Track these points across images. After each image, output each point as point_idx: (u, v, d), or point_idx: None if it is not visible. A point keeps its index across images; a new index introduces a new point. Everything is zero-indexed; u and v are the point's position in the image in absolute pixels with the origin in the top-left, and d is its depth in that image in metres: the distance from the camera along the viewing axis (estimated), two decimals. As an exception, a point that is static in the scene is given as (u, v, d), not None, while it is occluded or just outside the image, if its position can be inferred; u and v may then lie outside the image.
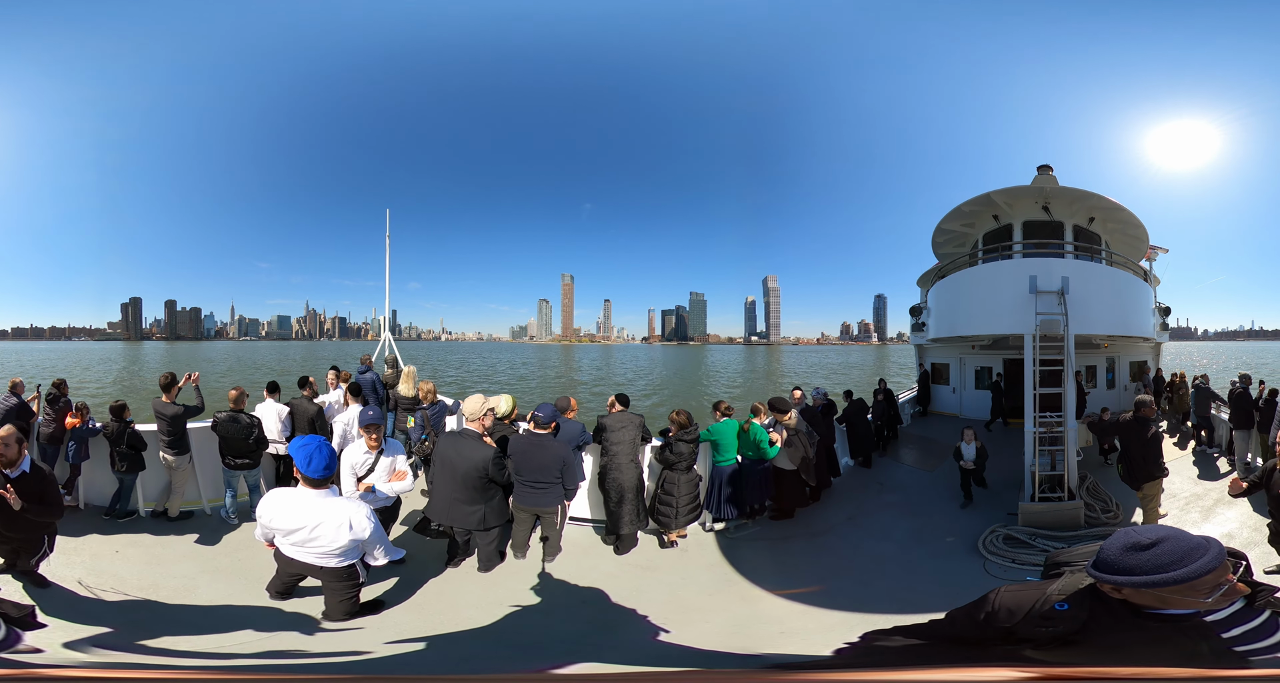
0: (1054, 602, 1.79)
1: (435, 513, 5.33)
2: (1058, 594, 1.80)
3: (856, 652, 2.48)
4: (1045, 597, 1.81)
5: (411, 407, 8.18)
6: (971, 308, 9.84)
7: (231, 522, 6.40)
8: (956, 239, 12.77)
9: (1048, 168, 11.57)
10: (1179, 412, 11.78)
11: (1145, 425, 6.77)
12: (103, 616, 4.46)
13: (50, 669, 2.85)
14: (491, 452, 5.13)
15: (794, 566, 6.18)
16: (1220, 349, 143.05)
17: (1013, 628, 1.84)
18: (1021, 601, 1.85)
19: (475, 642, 4.28)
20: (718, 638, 4.45)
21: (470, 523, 5.20)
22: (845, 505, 7.96)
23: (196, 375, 7.13)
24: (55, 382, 6.94)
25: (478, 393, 6.40)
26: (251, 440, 6.50)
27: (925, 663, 2.02)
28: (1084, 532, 7.09)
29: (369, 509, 4.09)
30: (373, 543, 4.11)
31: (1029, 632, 1.82)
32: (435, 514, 5.33)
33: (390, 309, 15.27)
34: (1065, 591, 1.81)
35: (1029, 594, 1.86)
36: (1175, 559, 1.56)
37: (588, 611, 4.85)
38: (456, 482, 5.13)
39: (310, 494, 3.94)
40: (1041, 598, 1.82)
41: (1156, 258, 13.34)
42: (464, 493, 5.13)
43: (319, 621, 4.36)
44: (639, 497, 6.22)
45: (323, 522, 3.90)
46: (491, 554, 5.42)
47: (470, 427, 5.40)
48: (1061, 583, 1.85)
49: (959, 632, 2.01)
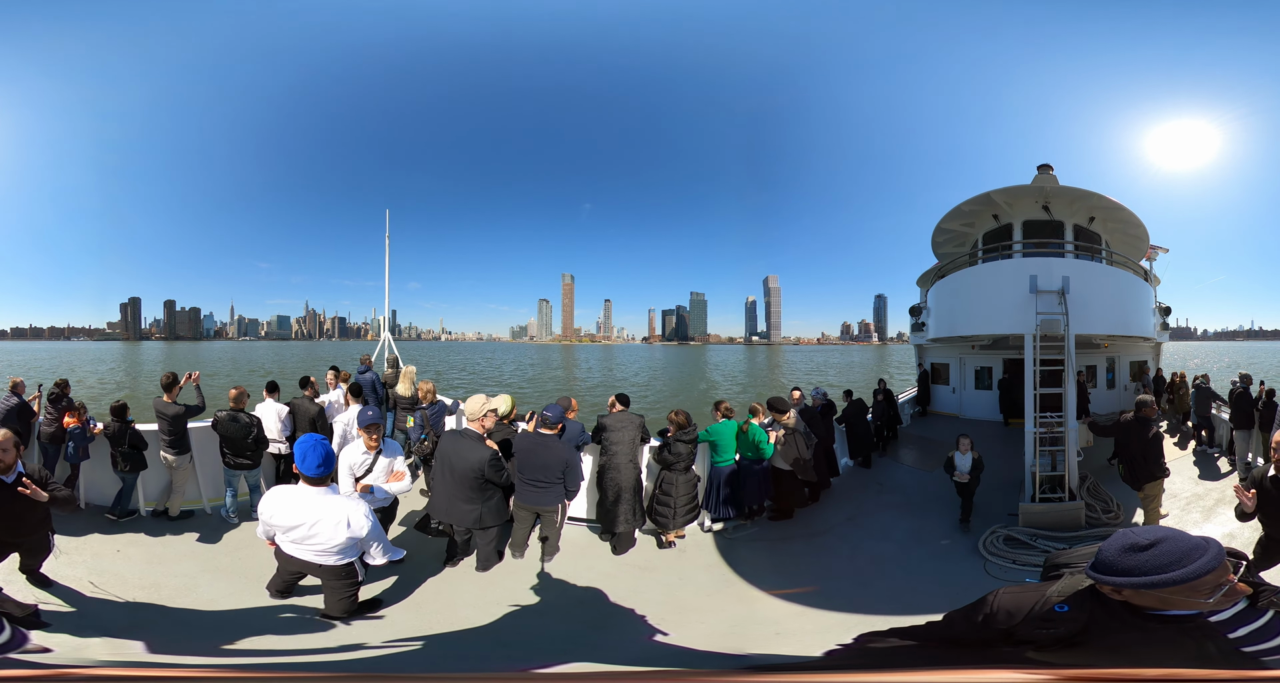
0: (1054, 603, 1.78)
1: (435, 511, 5.38)
2: (1057, 596, 1.80)
3: (851, 653, 2.47)
4: (1045, 599, 1.81)
5: (410, 407, 8.19)
6: (971, 308, 9.82)
7: (232, 521, 6.41)
8: (956, 239, 12.76)
9: (1048, 167, 11.56)
10: (1179, 412, 11.78)
11: (1146, 426, 6.76)
12: (104, 615, 4.46)
13: (52, 669, 2.85)
14: (489, 453, 5.14)
15: (792, 566, 6.17)
16: (1220, 349, 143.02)
17: (1011, 630, 1.84)
18: (1021, 602, 1.84)
19: (473, 641, 4.28)
20: (714, 639, 4.44)
21: (468, 522, 5.23)
22: (844, 506, 7.95)
23: (197, 375, 7.14)
24: (58, 381, 6.95)
25: (480, 393, 6.40)
26: (250, 440, 6.51)
27: (922, 665, 2.01)
28: (1085, 533, 7.08)
29: (367, 508, 4.10)
30: (370, 541, 4.12)
31: (1028, 634, 1.81)
32: (435, 512, 5.38)
33: (390, 309, 15.26)
34: (1065, 592, 1.80)
35: (1028, 596, 1.85)
36: (1174, 560, 1.56)
37: (585, 611, 4.85)
38: (455, 480, 5.18)
39: (309, 492, 3.97)
40: (1041, 600, 1.81)
41: (1157, 257, 13.33)
42: (462, 492, 5.17)
43: (318, 619, 4.37)
44: (636, 496, 6.22)
45: (321, 519, 3.93)
46: (490, 554, 5.43)
47: (471, 427, 5.41)
48: (1061, 585, 1.84)
49: (957, 634, 2.00)
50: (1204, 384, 10.69)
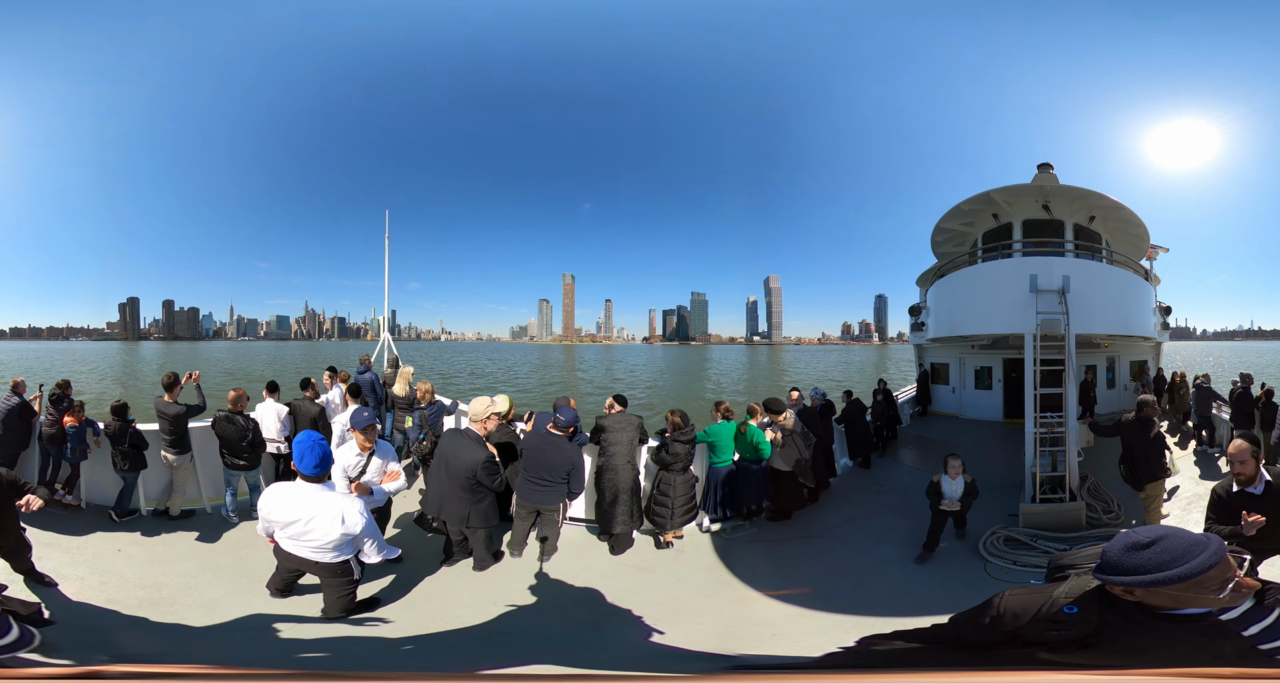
0: (1062, 605, 1.77)
1: (428, 505, 5.44)
2: (1065, 597, 1.79)
3: (853, 655, 2.46)
4: (1052, 600, 1.80)
5: (407, 407, 8.20)
6: (971, 307, 9.81)
7: (232, 520, 6.41)
8: (956, 238, 12.76)
9: (1048, 166, 11.56)
10: (1180, 411, 11.78)
11: (1148, 426, 6.76)
12: (105, 614, 4.46)
13: (54, 668, 2.85)
14: (485, 455, 5.16)
15: (791, 568, 6.15)
16: (1218, 349, 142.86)
17: (1019, 631, 1.83)
18: (1027, 604, 1.83)
19: (469, 641, 4.28)
20: (711, 639, 4.44)
21: (457, 521, 5.27)
22: (843, 507, 7.94)
23: (197, 374, 7.15)
24: (59, 382, 6.97)
25: (484, 396, 6.40)
26: (246, 442, 6.53)
27: (928, 666, 2.00)
28: (1086, 533, 7.06)
29: (363, 505, 4.14)
30: (364, 539, 4.16)
31: (1037, 635, 1.80)
32: (428, 507, 5.45)
33: (390, 309, 15.25)
34: (1073, 593, 1.79)
35: (1035, 598, 1.84)
36: (1176, 556, 1.56)
37: (582, 611, 4.84)
38: (449, 478, 5.22)
39: (307, 488, 4.04)
40: (1048, 601, 1.80)
41: (1157, 257, 13.32)
42: (454, 490, 5.21)
43: (317, 619, 4.37)
44: (634, 497, 6.22)
45: (316, 515, 3.99)
46: (484, 556, 5.45)
47: (473, 428, 5.43)
48: (1068, 586, 1.83)
49: (963, 636, 1.99)
50: (1205, 384, 10.69)
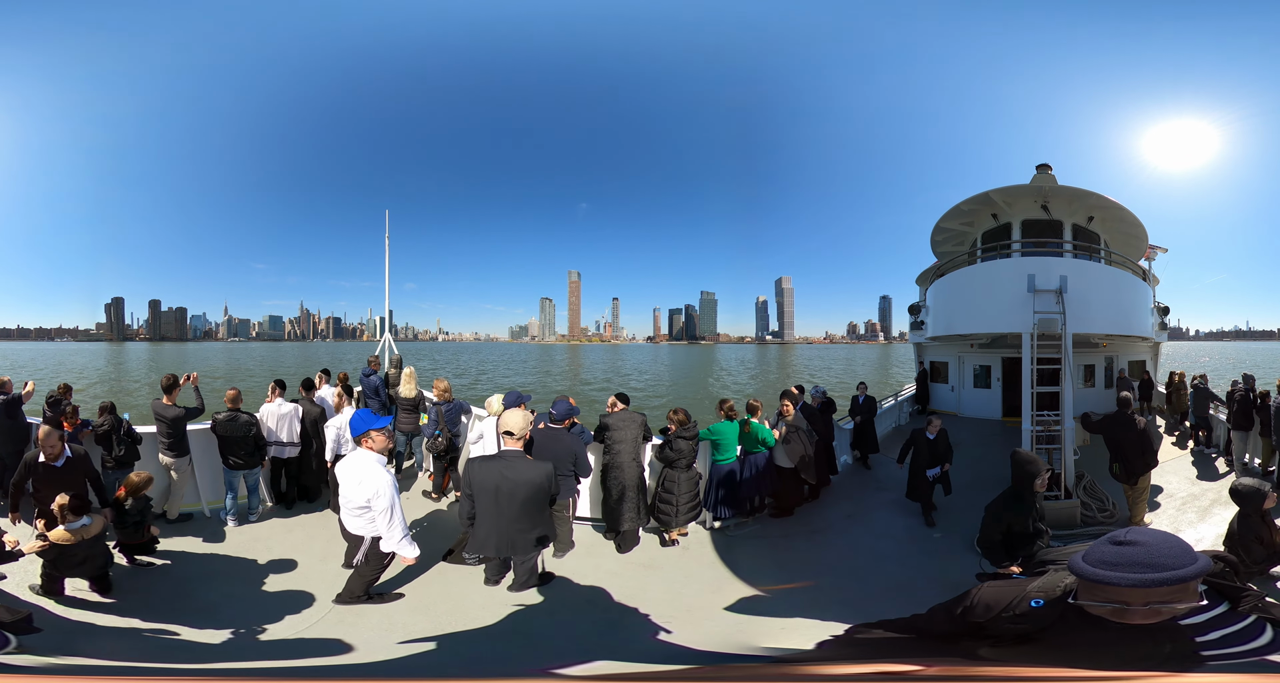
0: (1030, 599, 1.78)
1: (484, 545, 4.64)
2: (1036, 592, 1.80)
3: (840, 645, 2.49)
4: (1024, 594, 1.81)
5: (412, 408, 8.16)
6: (970, 306, 9.86)
7: (231, 524, 6.36)
8: (955, 238, 12.82)
9: (1047, 167, 11.62)
10: (1177, 411, 11.84)
11: (1133, 421, 6.85)
12: (101, 620, 4.42)
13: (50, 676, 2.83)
14: (549, 465, 4.70)
15: (793, 563, 6.18)
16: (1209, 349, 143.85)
17: (985, 624, 1.84)
18: (1000, 597, 1.85)
19: (483, 642, 4.27)
20: (718, 636, 4.46)
21: (529, 549, 4.72)
22: (844, 503, 7.97)
23: (195, 376, 7.09)
24: (60, 385, 6.95)
25: (494, 397, 6.38)
26: (249, 438, 6.48)
27: (899, 656, 1.98)
28: (1080, 531, 7.11)
29: (392, 481, 4.43)
30: (383, 512, 4.35)
31: (998, 628, 1.81)
32: (484, 547, 4.66)
33: (388, 309, 15.14)
34: (1044, 588, 1.80)
35: (1009, 591, 1.86)
36: (1152, 561, 1.49)
37: (591, 610, 4.84)
38: (518, 508, 4.53)
39: (360, 454, 4.52)
40: (1020, 595, 1.81)
41: (1156, 257, 13.41)
42: (524, 520, 4.57)
43: (324, 618, 4.36)
44: (640, 494, 6.22)
45: (350, 479, 4.48)
46: (528, 579, 4.97)
47: (513, 446, 4.70)
48: (1042, 581, 1.84)
49: (934, 626, 2.01)
50: (1202, 385, 10.75)
